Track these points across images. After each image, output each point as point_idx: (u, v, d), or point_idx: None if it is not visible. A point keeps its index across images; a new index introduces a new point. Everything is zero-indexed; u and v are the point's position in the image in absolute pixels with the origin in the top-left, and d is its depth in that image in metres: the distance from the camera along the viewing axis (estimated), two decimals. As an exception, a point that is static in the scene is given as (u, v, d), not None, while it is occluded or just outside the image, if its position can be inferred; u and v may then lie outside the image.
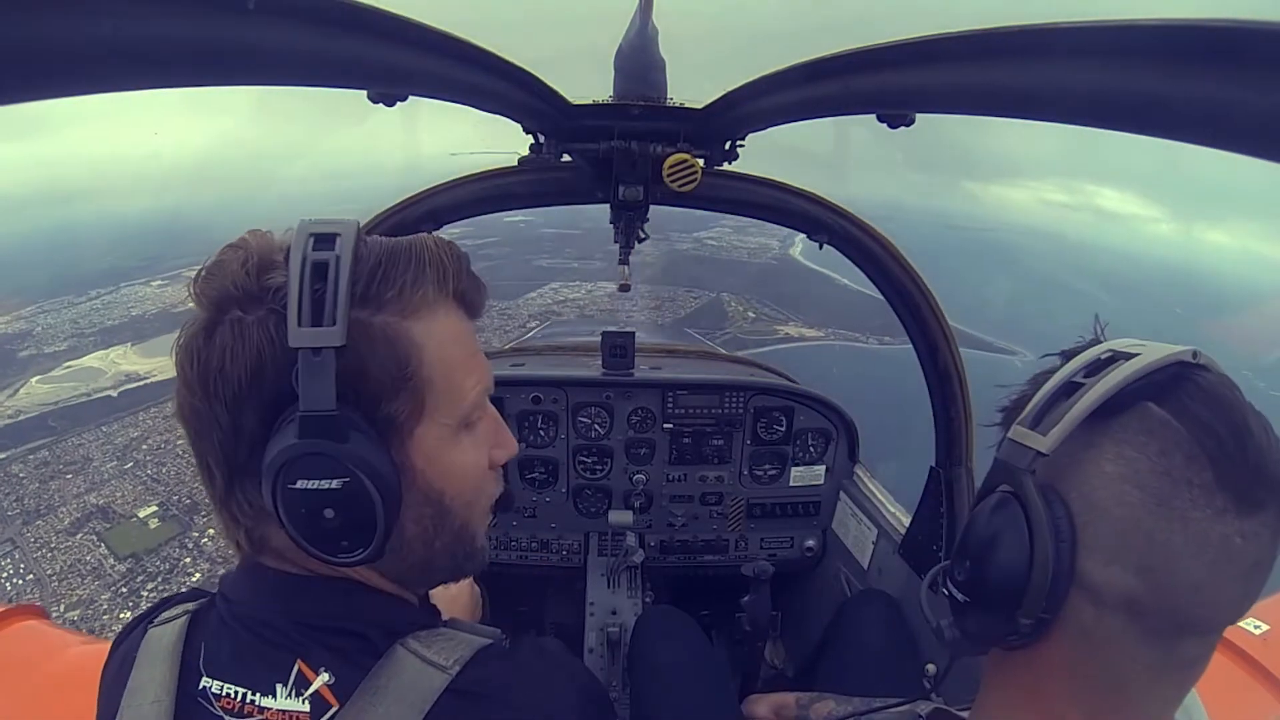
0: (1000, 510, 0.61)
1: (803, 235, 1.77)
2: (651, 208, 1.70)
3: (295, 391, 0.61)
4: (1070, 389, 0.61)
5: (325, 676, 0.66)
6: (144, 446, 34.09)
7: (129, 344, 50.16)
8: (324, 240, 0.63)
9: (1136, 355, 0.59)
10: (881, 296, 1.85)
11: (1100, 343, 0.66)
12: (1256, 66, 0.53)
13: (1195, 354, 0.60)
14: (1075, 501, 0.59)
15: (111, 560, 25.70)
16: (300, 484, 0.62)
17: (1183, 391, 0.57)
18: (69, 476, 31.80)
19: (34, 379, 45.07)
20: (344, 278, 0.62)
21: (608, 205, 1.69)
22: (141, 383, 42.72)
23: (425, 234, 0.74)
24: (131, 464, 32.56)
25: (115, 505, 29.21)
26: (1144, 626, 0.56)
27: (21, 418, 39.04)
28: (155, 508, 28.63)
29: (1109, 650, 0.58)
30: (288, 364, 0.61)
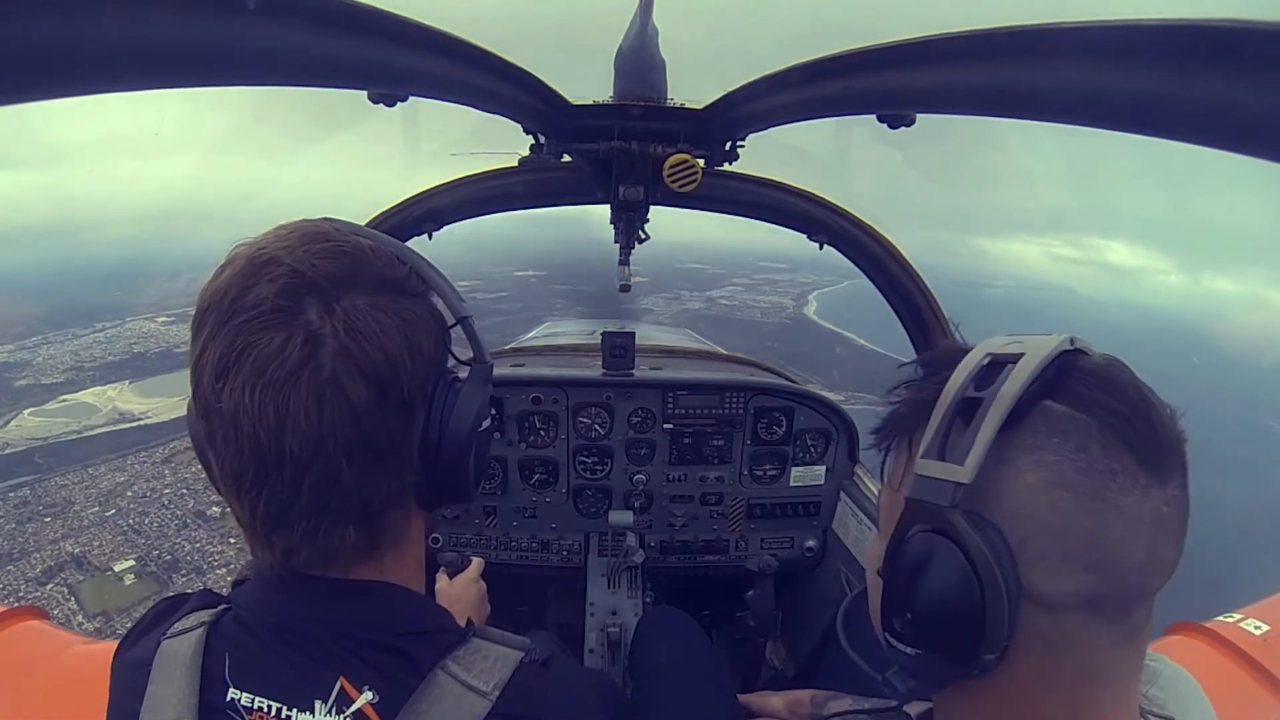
0: (931, 552, 0.57)
1: (815, 293, 1.79)
2: (652, 210, 1.70)
3: (442, 361, 0.72)
4: (967, 407, 0.58)
5: (369, 695, 0.65)
6: (128, 493, 32.89)
7: (127, 381, 49.13)
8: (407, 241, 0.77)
9: (1019, 355, 0.58)
10: (885, 300, 1.85)
11: (956, 344, 0.65)
12: (1256, 66, 0.53)
13: (1073, 340, 0.60)
14: (1004, 521, 0.56)
15: (80, 617, 24.63)
16: (484, 424, 0.75)
17: (1074, 381, 0.57)
18: (47, 519, 30.71)
19: (26, 411, 44.00)
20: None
21: (609, 208, 1.69)
22: (135, 423, 41.41)
23: None
24: (114, 511, 31.37)
25: (91, 556, 28.00)
26: (1103, 615, 0.56)
27: (8, 451, 37.95)
28: (133, 562, 27.39)
29: (1073, 648, 0.57)
30: (444, 335, 0.74)
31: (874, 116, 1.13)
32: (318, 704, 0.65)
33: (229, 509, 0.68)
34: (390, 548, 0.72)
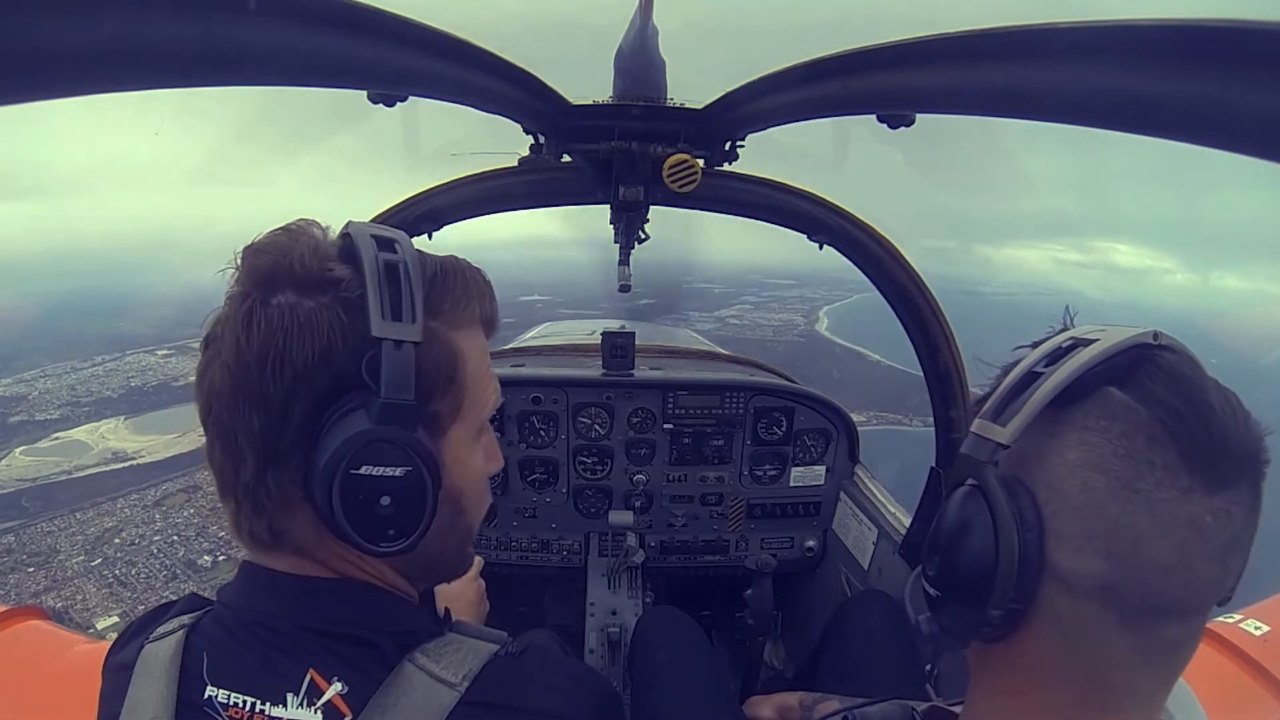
0: (965, 503, 0.61)
1: (826, 309, 1.78)
2: (652, 210, 1.70)
3: (361, 380, 0.63)
4: (1030, 379, 0.60)
5: (338, 685, 0.66)
6: (116, 540, 31.44)
7: (122, 417, 47.66)
8: (385, 244, 0.67)
9: (1096, 340, 0.59)
10: (885, 300, 1.85)
11: (1069, 331, 0.65)
12: (1256, 66, 0.53)
13: (1156, 335, 0.59)
14: (1041, 490, 0.58)
15: (56, 680, 23.79)
16: (365, 469, 0.63)
17: (1142, 373, 0.57)
18: (30, 569, 29.35)
19: (18, 449, 42.72)
20: (417, 280, 0.66)
21: (609, 208, 1.69)
22: (128, 463, 39.99)
23: (461, 258, 0.77)
24: (100, 560, 29.83)
25: (73, 611, 26.70)
26: (1120, 612, 0.56)
27: (-3, 493, 36.32)
28: (115, 619, 25.94)
29: (1087, 638, 0.58)
30: (357, 353, 0.64)
31: (874, 116, 1.13)
32: (290, 696, 0.66)
33: (219, 558, 0.70)
34: (316, 545, 0.71)
